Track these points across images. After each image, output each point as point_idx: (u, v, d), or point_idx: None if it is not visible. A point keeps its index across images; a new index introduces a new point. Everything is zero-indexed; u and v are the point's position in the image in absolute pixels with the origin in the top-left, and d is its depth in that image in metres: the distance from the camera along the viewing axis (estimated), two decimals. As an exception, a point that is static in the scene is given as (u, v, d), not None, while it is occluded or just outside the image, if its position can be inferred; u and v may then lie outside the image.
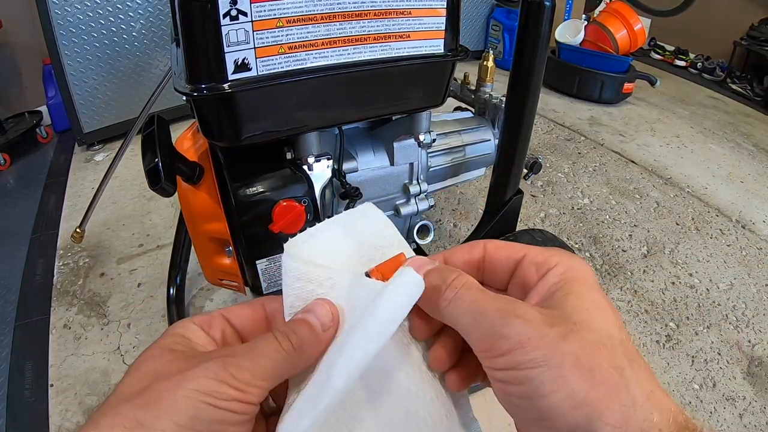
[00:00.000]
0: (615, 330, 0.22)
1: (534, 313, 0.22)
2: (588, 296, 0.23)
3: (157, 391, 0.22)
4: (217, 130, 0.52)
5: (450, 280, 0.24)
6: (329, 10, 0.49)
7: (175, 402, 0.21)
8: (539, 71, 0.63)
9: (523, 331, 0.21)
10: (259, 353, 0.24)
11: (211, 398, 0.22)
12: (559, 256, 0.25)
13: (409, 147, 0.72)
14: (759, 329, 1.15)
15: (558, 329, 0.21)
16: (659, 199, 1.63)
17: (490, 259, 0.26)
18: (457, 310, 0.23)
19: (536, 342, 0.21)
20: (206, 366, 0.22)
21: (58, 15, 1.56)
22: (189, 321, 0.26)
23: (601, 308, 0.23)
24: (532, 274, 0.25)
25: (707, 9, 2.97)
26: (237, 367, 0.23)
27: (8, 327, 1.10)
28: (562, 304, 0.23)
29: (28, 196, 1.60)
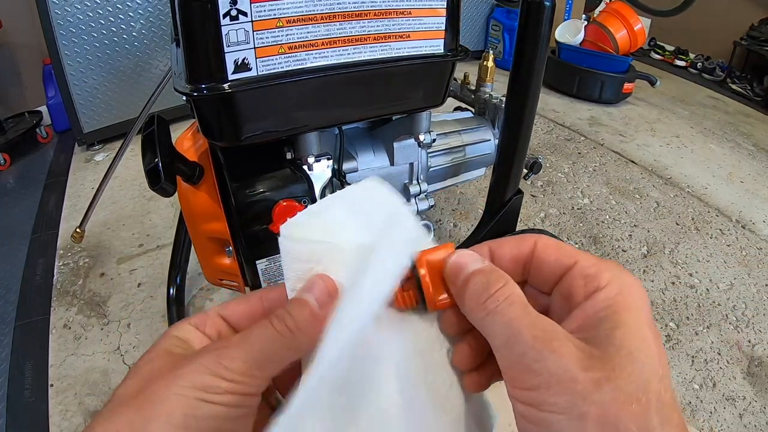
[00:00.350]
0: (655, 381, 0.20)
1: (571, 349, 0.20)
2: (636, 333, 0.20)
3: (152, 392, 0.21)
4: (217, 130, 0.52)
5: (494, 289, 0.22)
6: (329, 10, 0.49)
7: (168, 401, 0.20)
8: (539, 71, 0.63)
9: (555, 369, 0.19)
10: (254, 341, 0.23)
11: (204, 393, 0.21)
12: (611, 273, 0.22)
13: (409, 147, 0.72)
14: (759, 329, 1.15)
15: (592, 374, 0.19)
16: (659, 199, 1.63)
17: (539, 258, 0.24)
18: (493, 325, 0.21)
19: (565, 386, 0.19)
20: (199, 361, 0.22)
21: (58, 15, 1.56)
22: (185, 322, 0.25)
23: (647, 350, 0.20)
24: (579, 288, 0.22)
25: (707, 9, 2.97)
26: (230, 359, 0.22)
27: (8, 327, 1.10)
28: (607, 340, 0.20)
29: (28, 196, 1.60)
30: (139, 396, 0.21)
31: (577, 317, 0.22)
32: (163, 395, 0.21)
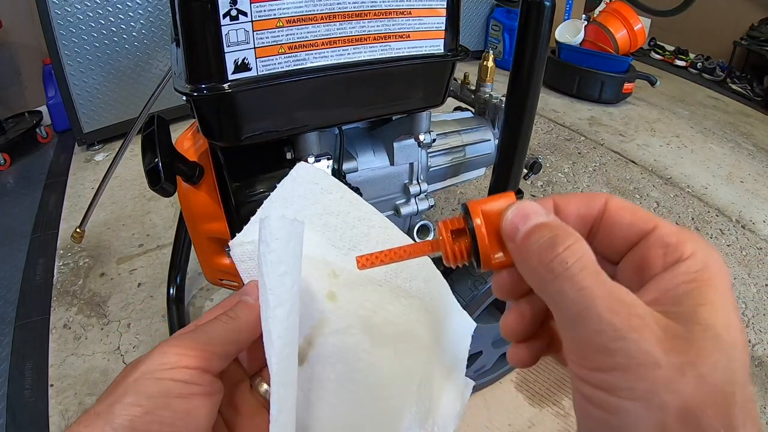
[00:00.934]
0: (741, 371, 0.17)
1: (653, 328, 0.17)
2: (723, 314, 0.17)
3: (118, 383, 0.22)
4: (217, 130, 0.52)
5: (563, 247, 0.18)
6: (329, 10, 0.49)
7: (126, 386, 0.21)
8: (539, 71, 0.63)
9: (635, 351, 0.16)
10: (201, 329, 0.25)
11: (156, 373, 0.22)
12: (694, 243, 0.19)
13: (409, 147, 0.72)
14: (759, 329, 1.14)
15: (676, 358, 0.16)
16: (659, 199, 1.63)
17: (610, 220, 0.21)
18: (561, 292, 0.18)
19: (645, 371, 0.16)
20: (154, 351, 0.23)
21: (58, 15, 1.56)
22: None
23: (733, 334, 0.17)
24: (658, 257, 0.19)
25: (707, 9, 2.97)
26: (179, 339, 0.23)
27: (8, 327, 1.10)
28: (691, 318, 0.17)
29: (28, 196, 1.60)
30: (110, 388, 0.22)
31: (652, 289, 0.18)
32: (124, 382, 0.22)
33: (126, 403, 0.21)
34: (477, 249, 0.21)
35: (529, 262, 0.19)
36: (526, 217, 0.20)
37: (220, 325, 0.25)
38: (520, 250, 0.20)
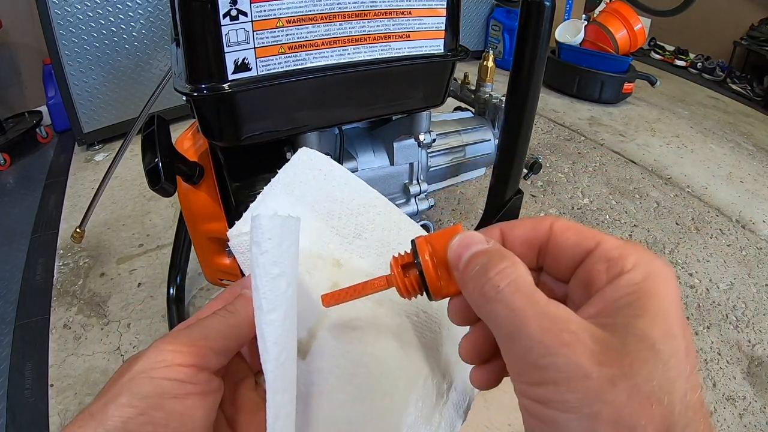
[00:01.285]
0: (681, 379, 0.17)
1: (585, 341, 0.17)
2: (662, 324, 0.18)
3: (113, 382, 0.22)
4: (217, 130, 0.52)
5: (494, 272, 0.19)
6: (329, 10, 0.49)
7: (121, 386, 0.21)
8: (539, 71, 0.63)
9: (565, 365, 0.17)
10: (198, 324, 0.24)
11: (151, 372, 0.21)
12: (637, 255, 0.19)
13: (409, 147, 0.72)
14: (759, 329, 1.15)
15: (608, 369, 0.17)
16: (659, 199, 1.63)
17: (556, 242, 0.21)
18: (495, 314, 0.19)
19: (576, 383, 0.17)
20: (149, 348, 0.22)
21: (58, 15, 1.56)
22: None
23: (672, 344, 0.17)
24: (601, 272, 0.20)
25: (707, 9, 2.97)
26: (174, 336, 0.22)
27: (8, 327, 1.10)
28: (627, 330, 0.17)
29: (28, 196, 1.60)
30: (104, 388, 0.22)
31: (595, 303, 0.19)
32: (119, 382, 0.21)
33: (120, 403, 0.20)
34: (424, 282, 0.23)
35: (467, 288, 0.20)
36: (467, 246, 0.21)
37: (218, 319, 0.24)
38: (462, 277, 0.21)
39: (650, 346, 0.17)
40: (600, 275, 0.20)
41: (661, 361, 0.17)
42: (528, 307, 0.18)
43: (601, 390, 0.16)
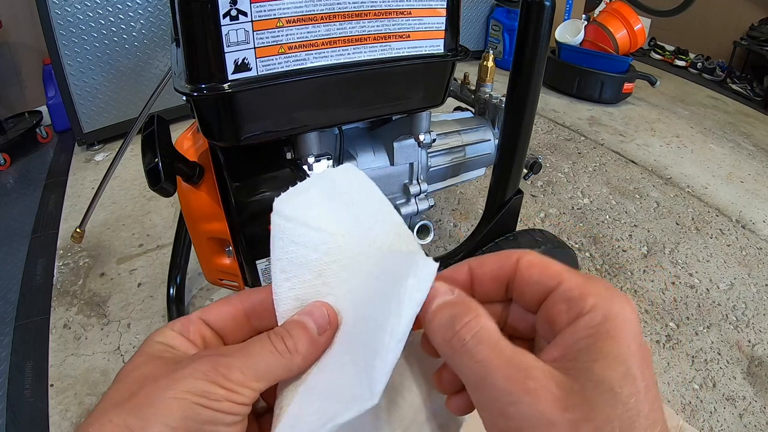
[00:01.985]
0: (641, 418, 0.18)
1: (548, 388, 0.18)
2: (619, 367, 0.19)
3: (147, 395, 0.21)
4: (217, 130, 0.52)
5: (459, 325, 0.20)
6: (329, 10, 0.49)
7: (165, 404, 0.21)
8: (539, 71, 0.63)
9: (530, 413, 0.18)
10: (252, 353, 0.23)
11: (202, 399, 0.21)
12: (596, 297, 0.20)
13: (409, 147, 0.72)
14: (759, 329, 1.15)
15: (571, 414, 0.18)
16: (659, 199, 1.63)
17: (521, 278, 0.22)
18: (461, 365, 0.20)
19: (542, 430, 0.18)
20: (195, 366, 0.22)
21: (58, 15, 1.56)
22: (167, 328, 0.25)
23: (631, 386, 0.18)
24: (562, 313, 0.20)
25: (707, 9, 2.97)
26: (228, 367, 0.22)
27: (8, 327, 1.10)
28: (587, 374, 0.19)
29: (28, 196, 1.60)
30: (133, 399, 0.21)
31: (558, 344, 0.20)
32: (160, 398, 0.21)
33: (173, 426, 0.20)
34: None
35: (436, 340, 0.21)
36: (431, 298, 0.22)
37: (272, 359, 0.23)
38: (429, 330, 0.21)
39: (609, 389, 0.18)
40: (561, 315, 0.20)
41: (620, 402, 0.18)
42: (493, 357, 0.19)
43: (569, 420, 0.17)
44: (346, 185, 0.28)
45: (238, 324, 0.26)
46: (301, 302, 0.25)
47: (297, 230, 0.25)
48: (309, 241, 0.25)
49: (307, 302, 0.25)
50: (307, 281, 0.25)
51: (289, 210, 0.26)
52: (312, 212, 0.26)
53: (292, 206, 0.26)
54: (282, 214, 0.26)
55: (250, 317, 0.26)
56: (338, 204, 0.27)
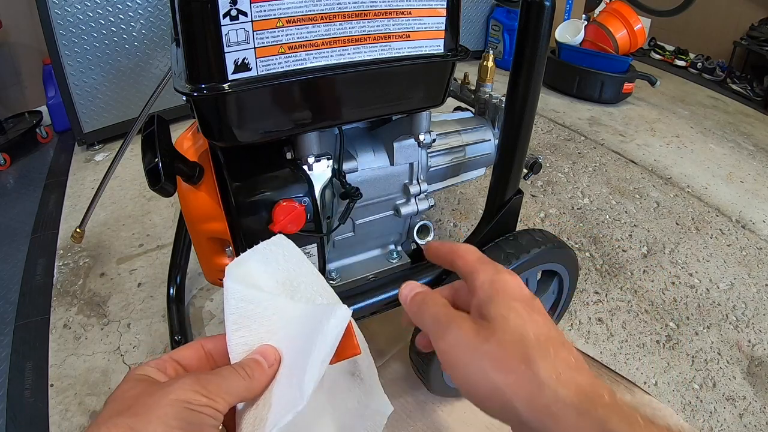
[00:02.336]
0: (529, 328, 0.30)
1: (468, 324, 0.31)
2: (505, 304, 0.31)
3: (145, 404, 0.27)
4: (217, 130, 0.52)
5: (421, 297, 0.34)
6: (329, 10, 0.49)
7: (162, 409, 0.27)
8: (539, 71, 0.62)
9: (455, 337, 0.30)
10: (224, 376, 0.31)
11: (189, 404, 0.28)
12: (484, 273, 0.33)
13: (409, 147, 0.72)
14: (759, 329, 1.15)
15: (482, 335, 0.30)
16: (659, 199, 1.63)
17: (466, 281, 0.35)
18: (422, 317, 0.33)
19: (464, 347, 0.30)
20: (183, 381, 0.29)
21: (58, 15, 1.56)
22: (145, 365, 0.32)
23: (516, 312, 0.30)
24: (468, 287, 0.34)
25: (707, 9, 2.97)
26: (207, 382, 0.29)
27: (8, 327, 1.10)
28: (486, 314, 0.31)
29: (28, 196, 1.60)
30: (132, 408, 0.27)
31: (472, 308, 0.33)
32: (156, 404, 0.27)
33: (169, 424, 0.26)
34: None
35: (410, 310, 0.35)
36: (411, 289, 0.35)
37: (240, 381, 0.31)
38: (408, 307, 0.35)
39: (502, 317, 0.30)
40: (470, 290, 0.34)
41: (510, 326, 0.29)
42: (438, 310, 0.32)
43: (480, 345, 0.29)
44: (278, 253, 0.38)
45: (201, 363, 0.34)
46: (249, 346, 0.33)
47: (244, 291, 0.34)
48: (253, 299, 0.34)
49: (254, 345, 0.33)
50: (253, 329, 0.34)
51: (237, 275, 0.35)
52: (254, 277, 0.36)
53: (239, 272, 0.35)
54: (232, 278, 0.34)
55: (209, 358, 0.34)
56: (273, 269, 0.37)
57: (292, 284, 0.37)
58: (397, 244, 0.84)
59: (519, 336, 0.29)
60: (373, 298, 0.71)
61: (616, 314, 1.15)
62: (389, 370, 0.91)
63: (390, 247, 0.84)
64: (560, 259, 0.76)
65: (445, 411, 0.85)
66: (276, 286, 0.36)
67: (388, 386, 0.87)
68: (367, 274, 0.79)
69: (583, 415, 0.27)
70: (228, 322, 0.34)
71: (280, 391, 0.31)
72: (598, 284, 1.24)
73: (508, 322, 0.30)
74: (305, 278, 0.38)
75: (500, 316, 0.30)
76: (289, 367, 0.32)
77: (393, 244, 0.84)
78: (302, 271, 0.38)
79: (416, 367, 0.79)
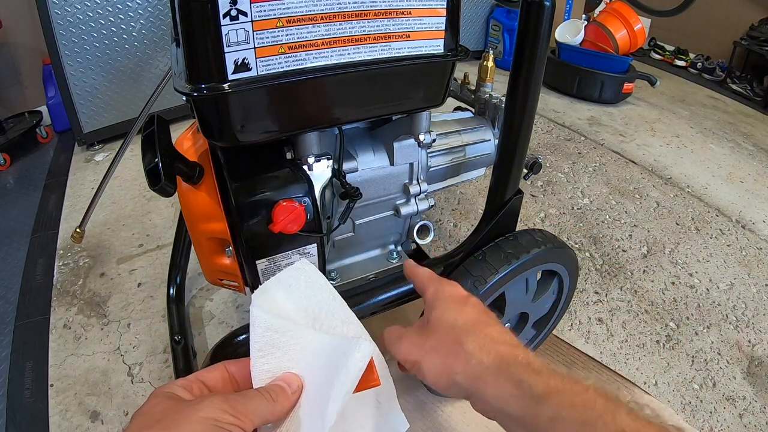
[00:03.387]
0: (459, 318, 0.41)
1: (413, 332, 0.43)
2: (442, 306, 0.43)
3: (174, 419, 0.29)
4: (217, 130, 0.52)
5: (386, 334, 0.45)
6: (329, 10, 0.49)
7: (191, 425, 0.28)
8: (539, 71, 0.62)
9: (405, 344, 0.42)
10: (250, 397, 0.33)
11: (217, 422, 0.29)
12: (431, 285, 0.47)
13: (409, 147, 0.72)
14: (759, 329, 1.15)
15: (425, 336, 0.41)
16: (659, 199, 1.63)
17: None
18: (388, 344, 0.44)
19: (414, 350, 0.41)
20: (212, 400, 0.30)
21: (58, 15, 1.56)
22: (174, 384, 0.34)
23: (449, 310, 0.42)
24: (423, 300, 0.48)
25: (707, 9, 2.97)
26: (235, 401, 0.31)
27: (8, 327, 1.10)
28: (429, 317, 0.43)
29: (28, 196, 1.60)
30: (162, 421, 0.29)
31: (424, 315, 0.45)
32: (186, 420, 0.29)
33: None
34: None
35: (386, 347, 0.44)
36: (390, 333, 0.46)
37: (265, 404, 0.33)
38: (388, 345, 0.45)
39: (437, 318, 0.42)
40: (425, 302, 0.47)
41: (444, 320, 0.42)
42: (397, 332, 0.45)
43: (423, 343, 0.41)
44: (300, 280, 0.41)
45: (225, 384, 0.36)
46: (273, 373, 0.36)
47: (270, 320, 0.36)
48: (279, 328, 0.37)
49: (277, 372, 0.36)
50: (276, 357, 0.36)
51: (262, 303, 0.38)
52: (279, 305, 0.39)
53: (264, 300, 0.38)
54: (258, 306, 0.37)
55: (233, 380, 0.37)
56: (296, 296, 0.40)
57: (315, 312, 0.40)
58: (397, 244, 0.84)
59: (451, 325, 0.40)
60: (373, 299, 0.71)
61: (616, 314, 1.15)
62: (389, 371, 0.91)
63: (390, 247, 0.84)
64: (560, 259, 0.76)
65: (445, 411, 0.85)
66: (300, 313, 0.39)
67: (388, 386, 0.87)
68: (367, 274, 0.79)
69: (500, 373, 0.35)
70: (253, 350, 0.36)
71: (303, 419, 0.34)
72: (598, 284, 1.24)
73: (444, 318, 0.41)
74: (327, 305, 0.40)
75: (438, 316, 0.42)
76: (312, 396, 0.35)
77: (393, 244, 0.84)
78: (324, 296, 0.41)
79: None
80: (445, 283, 0.45)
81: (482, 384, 0.36)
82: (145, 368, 0.97)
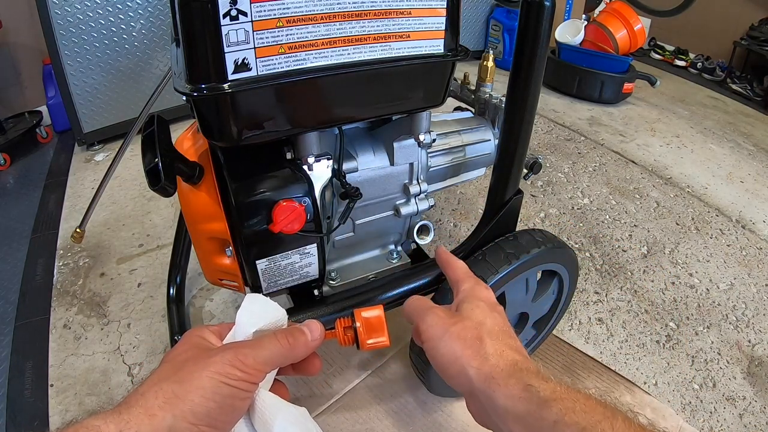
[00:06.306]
0: (488, 320, 0.45)
1: (441, 311, 0.48)
2: (473, 303, 0.48)
3: (188, 372, 0.32)
4: (217, 130, 0.52)
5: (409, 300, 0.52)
6: (329, 10, 0.49)
7: (201, 381, 0.32)
8: (539, 71, 0.62)
9: (432, 318, 0.46)
10: (263, 346, 0.35)
11: (225, 378, 0.32)
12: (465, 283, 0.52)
13: (409, 147, 0.72)
14: (759, 329, 1.15)
15: (452, 320, 0.45)
16: (659, 199, 1.63)
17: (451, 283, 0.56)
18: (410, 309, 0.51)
19: (438, 327, 0.45)
20: (222, 355, 0.33)
21: (58, 15, 1.56)
22: (205, 328, 0.38)
23: (480, 309, 0.47)
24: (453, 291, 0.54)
25: (707, 9, 2.97)
26: (244, 355, 0.34)
27: (8, 327, 1.10)
28: (459, 307, 0.48)
29: (28, 196, 1.60)
30: (178, 374, 0.32)
31: (453, 304, 0.51)
32: (197, 376, 0.32)
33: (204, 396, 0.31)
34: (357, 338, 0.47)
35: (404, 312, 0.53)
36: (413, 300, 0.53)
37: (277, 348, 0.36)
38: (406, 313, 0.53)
39: (468, 311, 0.47)
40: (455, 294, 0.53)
41: (473, 315, 0.46)
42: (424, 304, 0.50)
43: (449, 326, 0.45)
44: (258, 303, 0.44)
45: None
46: None
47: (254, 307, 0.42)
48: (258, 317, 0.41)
49: None
50: None
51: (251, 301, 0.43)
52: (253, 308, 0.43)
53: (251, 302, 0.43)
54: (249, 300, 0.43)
55: None
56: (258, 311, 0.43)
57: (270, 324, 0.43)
58: (397, 244, 0.84)
59: (478, 323, 0.44)
60: (373, 299, 0.71)
61: (616, 314, 1.15)
62: (389, 370, 0.91)
63: (390, 247, 0.84)
64: (560, 259, 0.76)
65: (445, 411, 0.85)
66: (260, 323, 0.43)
67: (388, 386, 0.87)
68: (367, 275, 0.79)
69: (511, 377, 0.38)
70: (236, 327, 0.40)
71: None
72: (598, 284, 1.24)
73: (474, 314, 0.45)
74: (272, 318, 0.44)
75: (469, 309, 0.46)
76: None
77: (393, 244, 0.84)
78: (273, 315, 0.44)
79: (416, 367, 0.79)
80: (481, 284, 0.51)
81: (494, 384, 0.39)
82: (146, 368, 0.97)
